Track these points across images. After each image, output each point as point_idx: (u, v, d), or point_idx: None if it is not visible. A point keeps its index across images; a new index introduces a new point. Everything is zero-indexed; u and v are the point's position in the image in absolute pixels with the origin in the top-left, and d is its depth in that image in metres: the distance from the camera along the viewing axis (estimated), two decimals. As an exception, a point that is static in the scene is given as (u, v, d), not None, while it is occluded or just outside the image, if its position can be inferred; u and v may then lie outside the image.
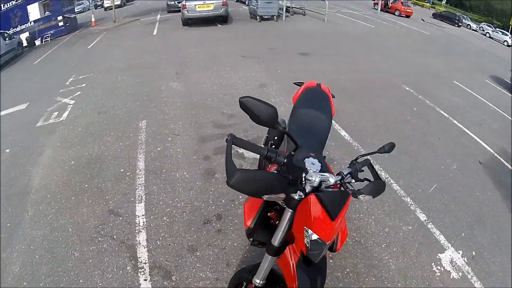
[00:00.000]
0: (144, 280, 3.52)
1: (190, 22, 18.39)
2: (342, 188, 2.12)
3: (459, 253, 4.58)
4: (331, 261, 3.98)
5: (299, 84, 3.73)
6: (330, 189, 2.08)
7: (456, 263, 4.40)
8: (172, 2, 25.11)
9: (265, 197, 1.91)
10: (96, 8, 38.40)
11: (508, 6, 67.82)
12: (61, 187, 5.00)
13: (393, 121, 8.08)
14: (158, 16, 23.94)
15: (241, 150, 5.72)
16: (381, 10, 36.02)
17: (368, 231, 4.59)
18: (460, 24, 48.00)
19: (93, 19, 23.81)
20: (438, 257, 4.44)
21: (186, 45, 13.76)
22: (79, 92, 8.84)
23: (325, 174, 2.10)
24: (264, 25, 19.01)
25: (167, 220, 4.35)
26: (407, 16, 37.68)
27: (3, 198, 4.98)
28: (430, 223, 5.01)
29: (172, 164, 5.53)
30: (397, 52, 16.82)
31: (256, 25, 18.96)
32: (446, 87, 12.11)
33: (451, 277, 4.17)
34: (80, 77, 10.24)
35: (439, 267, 4.28)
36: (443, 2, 76.55)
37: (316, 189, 2.03)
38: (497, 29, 52.18)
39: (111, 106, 7.64)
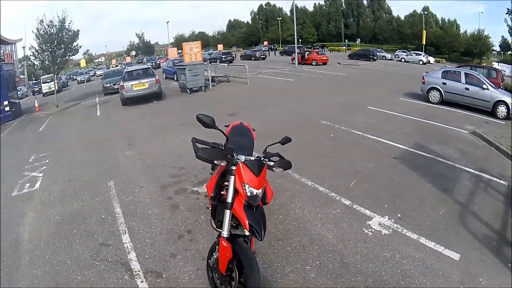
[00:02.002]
0: (141, 282, 4.49)
1: (128, 101, 19.34)
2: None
3: (385, 218, 5.97)
4: (280, 241, 5.27)
5: (228, 125, 5.54)
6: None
7: (384, 224, 5.76)
8: (109, 85, 25.91)
9: (215, 161, 3.63)
10: (34, 94, 38.59)
11: (418, 29, 73.84)
12: (52, 236, 5.81)
13: (314, 148, 9.72)
14: (97, 99, 24.85)
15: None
16: (299, 64, 38.61)
17: (305, 219, 5.97)
18: (375, 57, 51.82)
19: (36, 104, 24.17)
20: (367, 223, 5.80)
21: (130, 122, 14.82)
22: (44, 167, 9.58)
23: (248, 156, 3.88)
24: (194, 96, 20.52)
25: (149, 241, 5.39)
26: (324, 64, 40.38)
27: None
28: (355, 204, 6.44)
29: (143, 206, 6.58)
30: (315, 96, 19.05)
31: (188, 97, 20.42)
32: (360, 113, 14.04)
33: (383, 233, 5.51)
34: (41, 155, 10.96)
35: (370, 229, 5.61)
36: (357, 42, 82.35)
37: None
38: (411, 52, 56.76)
39: (79, 174, 8.51)
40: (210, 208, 4.40)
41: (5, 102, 21.34)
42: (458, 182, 7.59)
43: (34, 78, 56.06)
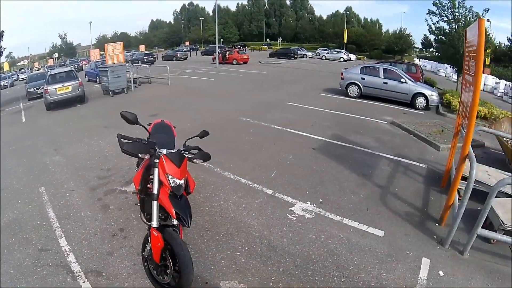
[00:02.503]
0: (83, 282, 4.68)
1: (52, 106, 18.78)
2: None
3: (307, 203, 6.55)
4: (208, 232, 5.70)
5: (150, 123, 5.85)
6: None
7: (307, 209, 6.33)
8: (32, 89, 24.85)
9: (140, 155, 3.98)
10: (-44, 101, 35.82)
11: (340, 28, 76.78)
12: None
13: (235, 143, 10.23)
14: (21, 104, 23.75)
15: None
16: (220, 63, 39.18)
17: (230, 209, 6.43)
18: (296, 56, 53.41)
19: (-42, 112, 22.50)
20: (290, 209, 6.34)
21: (56, 126, 14.47)
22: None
23: (170, 150, 4.26)
24: (116, 98, 20.35)
25: (86, 242, 5.56)
26: (245, 63, 41.49)
27: None
28: (277, 193, 6.99)
29: (75, 209, 6.70)
30: (235, 95, 19.63)
31: (110, 100, 20.22)
32: (279, 109, 14.78)
33: (306, 217, 6.07)
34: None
35: (293, 215, 6.16)
36: (279, 41, 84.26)
37: None
38: (332, 50, 59.02)
39: (10, 183, 8.32)
40: (139, 204, 4.78)
41: None
42: (377, 167, 8.32)
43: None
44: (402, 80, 16.29)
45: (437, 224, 5.87)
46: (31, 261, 5.25)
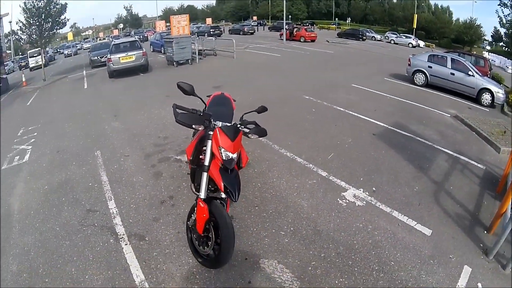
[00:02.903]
0: (125, 244, 4.74)
1: (115, 74, 19.28)
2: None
3: (360, 190, 6.25)
4: (256, 208, 5.57)
5: (210, 95, 5.74)
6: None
7: (359, 196, 6.04)
8: (96, 58, 25.73)
9: (194, 126, 3.83)
10: (20, 69, 37.83)
11: (409, 12, 73.76)
12: (41, 204, 6.00)
13: (295, 121, 9.95)
14: (84, 72, 24.62)
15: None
16: (287, 40, 38.47)
17: (281, 187, 6.24)
18: (364, 37, 51.26)
19: (23, 79, 24.04)
20: (342, 195, 6.07)
21: (117, 94, 14.91)
22: (33, 140, 9.67)
23: (225, 123, 4.11)
24: (180, 69, 20.51)
25: (134, 206, 5.65)
26: (312, 41, 40.09)
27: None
28: (331, 176, 6.70)
29: (128, 174, 6.82)
30: (300, 72, 19.11)
31: (174, 70, 20.40)
32: (343, 90, 14.22)
33: (357, 205, 5.79)
34: (29, 128, 11.02)
35: (344, 200, 5.89)
36: (348, 21, 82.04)
37: None
38: (401, 34, 56.62)
39: (67, 145, 8.66)
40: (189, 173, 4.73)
41: (-8, 78, 20.62)
42: (435, 162, 7.82)
43: (20, 53, 55.29)
44: (470, 73, 15.20)
45: (485, 232, 5.42)
46: (77, 220, 5.41)
